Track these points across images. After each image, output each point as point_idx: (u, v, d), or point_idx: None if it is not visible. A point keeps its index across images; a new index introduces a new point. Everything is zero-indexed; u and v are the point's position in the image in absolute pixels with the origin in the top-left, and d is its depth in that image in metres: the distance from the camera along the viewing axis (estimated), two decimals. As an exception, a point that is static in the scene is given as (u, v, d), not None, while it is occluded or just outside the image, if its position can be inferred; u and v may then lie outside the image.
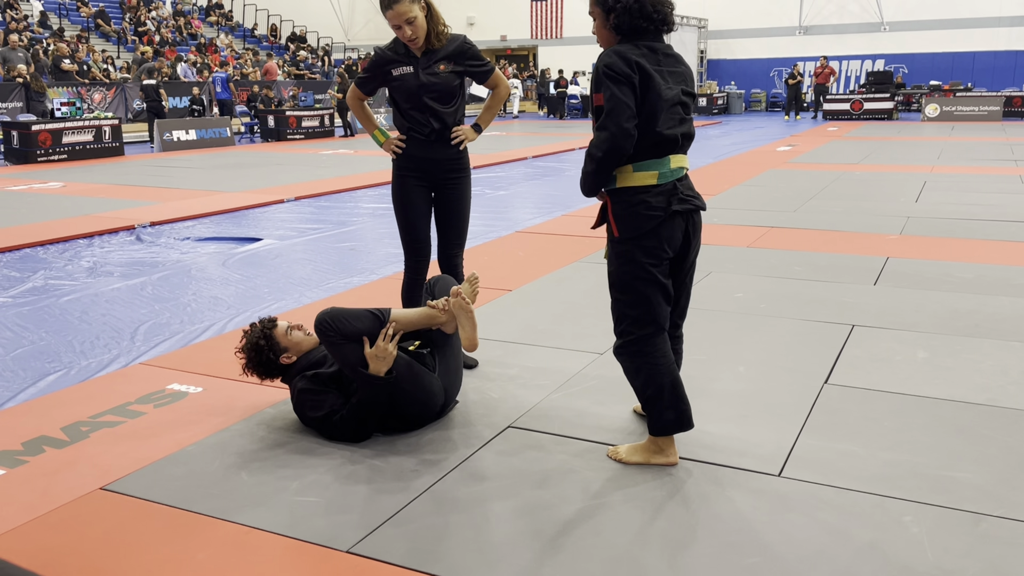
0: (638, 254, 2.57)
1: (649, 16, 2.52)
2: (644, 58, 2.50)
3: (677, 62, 2.60)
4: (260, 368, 3.11)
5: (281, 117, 17.99)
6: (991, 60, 23.47)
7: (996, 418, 3.03)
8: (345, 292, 5.11)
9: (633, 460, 2.72)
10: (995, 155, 12.14)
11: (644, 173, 2.53)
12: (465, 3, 30.41)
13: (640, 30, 2.53)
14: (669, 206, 2.54)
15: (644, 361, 2.64)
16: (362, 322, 2.91)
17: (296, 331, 3.14)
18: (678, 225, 2.59)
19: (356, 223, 7.63)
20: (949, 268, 5.28)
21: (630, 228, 2.56)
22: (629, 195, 2.54)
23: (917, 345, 3.84)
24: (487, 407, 3.22)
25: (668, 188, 2.55)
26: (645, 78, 2.47)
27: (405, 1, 3.25)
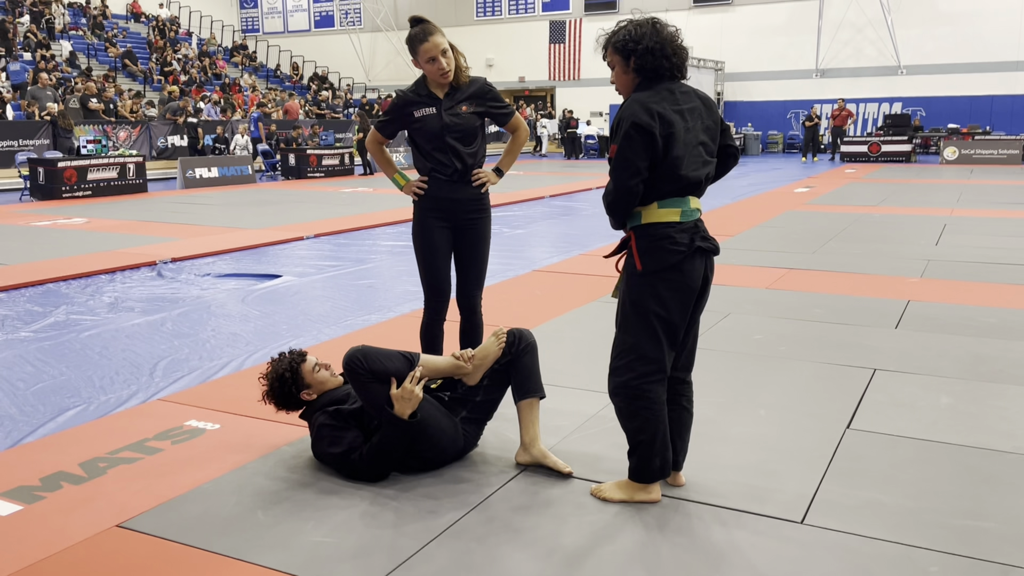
0: (660, 288, 2.57)
1: (667, 56, 2.57)
2: (665, 102, 2.53)
3: (692, 98, 2.62)
4: (280, 399, 3.10)
5: (302, 155, 18.23)
6: (1010, 104, 23.46)
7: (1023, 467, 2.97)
8: (363, 329, 5.12)
9: (616, 498, 2.72)
10: (1015, 199, 12.07)
11: (668, 210, 2.57)
12: (485, 45, 30.87)
13: (660, 71, 2.57)
14: (693, 243, 2.57)
15: (642, 405, 2.62)
16: (392, 362, 2.91)
17: (323, 370, 3.13)
18: (699, 264, 2.61)
19: (374, 260, 7.67)
20: (972, 312, 5.23)
21: (654, 262, 2.56)
22: (654, 230, 2.57)
23: (940, 390, 3.79)
24: (504, 448, 3.19)
25: (690, 226, 2.59)
26: (667, 126, 2.50)
27: (439, 33, 3.33)
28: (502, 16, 30.66)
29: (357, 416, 3.00)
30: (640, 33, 2.59)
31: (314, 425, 3.03)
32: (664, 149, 2.50)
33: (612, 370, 2.69)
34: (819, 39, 25.13)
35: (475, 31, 31.05)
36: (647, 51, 2.56)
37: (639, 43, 2.58)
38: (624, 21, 2.66)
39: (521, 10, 30.31)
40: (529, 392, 3.07)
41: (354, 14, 32.70)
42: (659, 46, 2.56)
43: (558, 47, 29.54)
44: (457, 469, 3.02)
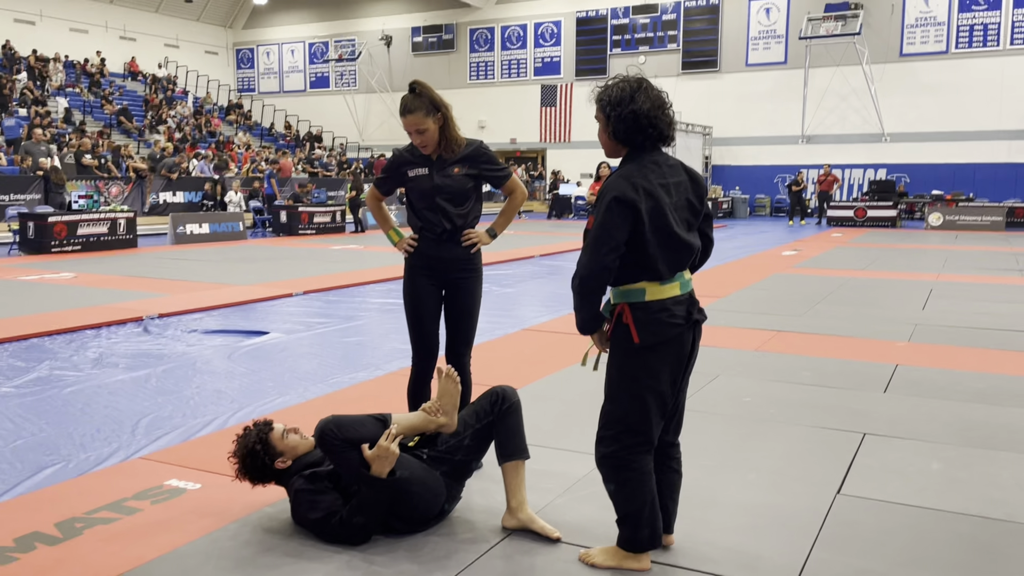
0: (653, 360, 2.52)
1: (643, 129, 2.52)
2: (651, 175, 2.50)
3: (679, 172, 2.59)
4: (254, 473, 3.02)
5: (293, 212, 18.33)
6: (992, 171, 23.93)
7: (1017, 535, 2.94)
8: (350, 387, 5.08)
9: (607, 565, 2.65)
10: (1000, 264, 12.21)
11: (671, 285, 2.54)
12: (477, 108, 31.42)
13: (635, 142, 2.54)
14: (690, 316, 2.56)
15: (631, 476, 2.58)
16: (366, 428, 2.88)
17: (292, 434, 3.07)
18: (691, 335, 2.59)
19: (363, 318, 7.65)
20: (960, 377, 5.23)
21: (653, 335, 2.51)
22: (653, 303, 2.52)
23: (931, 456, 3.76)
24: (491, 511, 3.13)
25: (686, 298, 2.58)
26: (651, 200, 2.46)
27: (419, 113, 3.38)
28: (495, 80, 31.28)
29: (334, 477, 2.95)
30: (620, 97, 2.53)
31: (291, 490, 2.97)
32: (652, 224, 2.46)
33: (599, 439, 2.64)
34: (805, 106, 25.71)
35: (468, 93, 31.62)
36: (620, 119, 2.53)
37: (616, 108, 2.53)
38: (616, 78, 2.62)
39: (513, 74, 30.95)
40: (513, 454, 3.02)
41: (349, 76, 33.30)
42: (633, 116, 2.50)
43: (549, 110, 30.10)
44: (441, 532, 2.96)
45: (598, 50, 29.08)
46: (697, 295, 2.68)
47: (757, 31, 26.70)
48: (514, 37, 30.75)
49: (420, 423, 3.03)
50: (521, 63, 30.71)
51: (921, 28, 24.59)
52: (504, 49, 30.96)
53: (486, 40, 31.24)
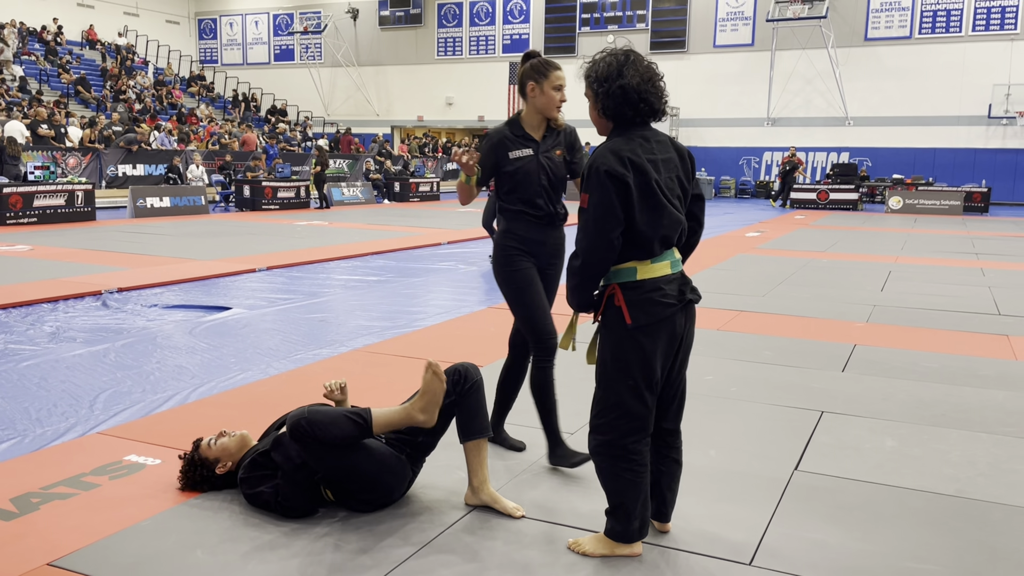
0: (646, 342, 2.43)
1: (634, 104, 2.43)
2: (639, 149, 2.41)
3: (668, 148, 2.50)
4: (204, 484, 3.06)
5: (257, 187, 18.07)
6: (951, 156, 24.38)
7: (966, 510, 3.02)
8: (314, 363, 5.04)
9: (597, 553, 2.60)
10: (957, 248, 12.48)
11: (661, 263, 2.46)
12: (445, 84, 31.17)
13: (625, 117, 2.46)
14: (682, 295, 2.47)
15: (626, 467, 2.50)
16: (340, 428, 2.79)
17: (219, 438, 3.08)
18: (683, 316, 2.51)
19: (328, 294, 7.59)
20: (915, 357, 5.35)
21: (646, 315, 2.42)
22: (645, 283, 2.44)
23: (886, 433, 3.85)
24: (454, 489, 3.15)
25: (678, 277, 2.49)
26: (640, 175, 2.38)
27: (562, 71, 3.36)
28: (463, 56, 31.02)
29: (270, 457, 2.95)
30: (607, 73, 2.45)
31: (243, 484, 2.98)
32: (641, 200, 2.38)
33: (593, 428, 2.55)
34: (771, 89, 25.90)
35: (436, 69, 31.35)
36: (609, 95, 2.44)
37: (604, 84, 2.45)
38: (603, 52, 2.53)
39: (482, 51, 30.70)
40: (475, 433, 2.99)
41: (315, 49, 32.79)
42: (621, 91, 2.41)
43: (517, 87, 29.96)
44: (404, 508, 2.97)
45: (567, 28, 28.95)
46: None
47: (725, 12, 26.78)
48: (482, 13, 30.48)
49: (399, 419, 2.93)
50: (490, 40, 30.48)
51: (886, 13, 24.86)
52: (472, 25, 30.68)
53: (454, 15, 30.93)
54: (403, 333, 5.97)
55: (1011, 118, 23.44)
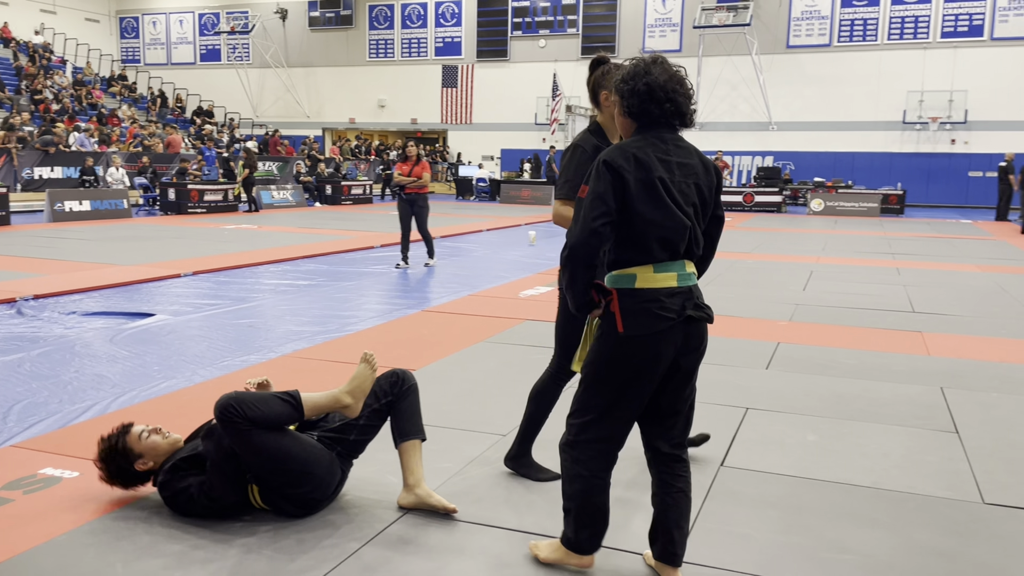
0: (637, 356, 2.30)
1: (660, 102, 2.32)
2: (650, 148, 2.31)
3: (690, 155, 2.37)
4: (118, 477, 2.95)
5: (182, 190, 17.60)
6: (869, 160, 25.33)
7: (880, 500, 3.15)
8: (241, 370, 4.94)
9: (549, 559, 2.56)
10: (874, 248, 12.96)
11: (666, 274, 2.31)
12: (377, 86, 30.91)
13: (652, 116, 2.35)
14: (684, 310, 2.30)
15: (579, 473, 2.40)
16: (270, 406, 2.77)
17: (154, 435, 2.97)
18: (688, 331, 2.34)
19: (257, 299, 7.44)
20: (835, 354, 5.54)
21: (639, 326, 2.28)
22: (644, 293, 2.30)
23: (807, 428, 3.98)
24: (386, 492, 3.12)
25: (685, 291, 2.32)
26: (644, 171, 2.27)
27: None
28: (395, 58, 30.83)
29: (194, 460, 2.89)
30: (635, 72, 2.36)
31: (162, 488, 2.91)
32: (642, 194, 2.27)
33: (567, 425, 2.46)
34: (698, 94, 26.45)
35: (368, 71, 31.07)
36: (634, 92, 2.34)
37: (630, 82, 2.35)
38: (631, 59, 2.44)
39: (414, 53, 30.56)
40: (411, 434, 3.02)
41: (242, 49, 32.12)
42: (647, 88, 2.31)
43: (451, 91, 29.91)
44: (336, 513, 2.93)
45: (499, 32, 29.06)
46: None
47: (653, 19, 27.28)
48: (414, 16, 30.36)
49: (327, 404, 2.95)
50: (422, 42, 30.37)
51: (806, 21, 25.69)
52: (404, 27, 30.53)
53: (386, 18, 30.72)
54: (334, 338, 5.90)
55: (924, 124, 24.50)
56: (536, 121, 28.44)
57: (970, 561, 2.68)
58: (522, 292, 7.92)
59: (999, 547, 2.78)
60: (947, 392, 4.62)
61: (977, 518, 3.00)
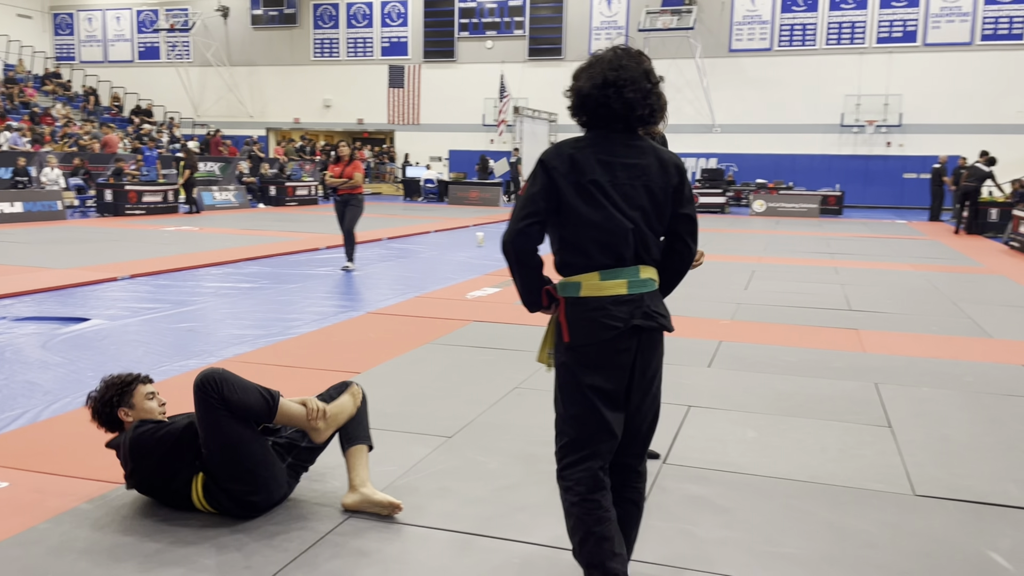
0: (588, 366, 2.19)
1: (589, 109, 2.22)
2: (590, 148, 2.20)
3: (643, 154, 2.22)
4: (100, 408, 2.97)
5: (120, 191, 17.13)
6: (809, 162, 25.94)
7: (816, 493, 3.22)
8: (180, 375, 4.83)
9: None
10: (814, 248, 13.28)
11: (613, 281, 2.18)
12: (322, 86, 30.55)
13: (585, 122, 2.25)
14: (631, 319, 2.18)
15: (572, 501, 2.20)
16: (248, 396, 2.79)
17: (153, 402, 3.02)
18: (639, 342, 2.21)
19: (197, 303, 7.28)
20: (775, 352, 5.65)
21: (583, 335, 2.18)
22: (590, 300, 2.19)
23: (747, 425, 4.06)
24: (329, 496, 3.09)
25: (635, 299, 2.20)
26: (578, 173, 2.17)
27: None
28: (340, 58, 30.50)
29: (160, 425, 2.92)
30: (574, 74, 2.25)
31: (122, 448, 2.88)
32: (575, 197, 2.17)
33: (556, 457, 2.30)
34: (643, 96, 26.77)
35: (313, 71, 30.69)
36: (572, 92, 2.23)
37: (575, 79, 2.23)
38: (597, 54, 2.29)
39: (360, 53, 30.30)
40: (357, 440, 3.05)
41: (182, 47, 31.44)
42: (575, 96, 2.22)
43: (398, 91, 29.72)
44: (281, 517, 2.89)
45: (446, 32, 28.98)
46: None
47: (599, 21, 27.51)
48: (360, 15, 30.09)
49: (298, 418, 2.94)
50: (368, 42, 30.12)
51: (748, 26, 26.20)
52: (350, 27, 30.24)
53: (331, 16, 30.38)
54: (277, 341, 5.81)
55: (861, 127, 25.18)
56: (484, 122, 28.43)
57: (900, 551, 2.76)
58: (470, 293, 7.91)
59: (928, 537, 2.87)
60: (881, 388, 4.76)
61: (908, 509, 3.10)
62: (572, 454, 2.22)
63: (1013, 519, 3.02)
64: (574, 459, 2.22)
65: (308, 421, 2.93)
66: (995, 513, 3.07)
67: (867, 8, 25.15)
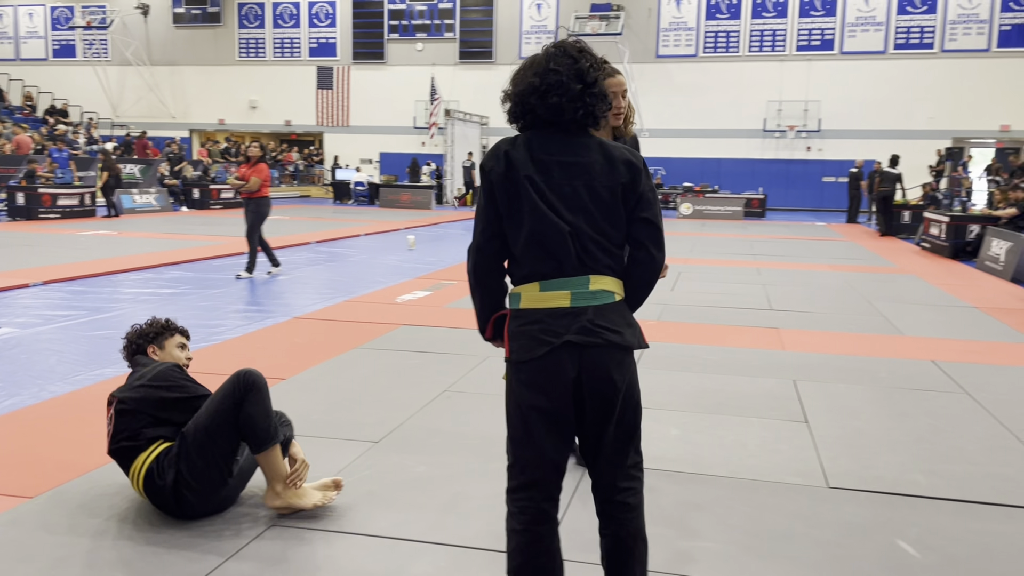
0: (529, 384, 2.02)
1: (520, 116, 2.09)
2: (525, 146, 2.05)
3: (587, 151, 2.04)
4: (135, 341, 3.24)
5: (33, 194, 16.45)
6: (733, 166, 26.64)
7: (737, 489, 3.31)
8: (97, 384, 4.67)
9: None
10: (738, 250, 13.63)
11: (555, 293, 2.01)
12: (248, 86, 29.94)
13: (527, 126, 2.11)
14: (565, 334, 1.98)
15: (518, 526, 2.07)
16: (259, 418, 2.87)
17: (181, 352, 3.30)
18: (574, 359, 2.00)
19: (115, 309, 7.05)
20: (699, 351, 5.78)
21: (519, 351, 2.02)
22: (530, 313, 2.03)
23: (671, 423, 4.14)
24: (250, 503, 3.03)
25: (577, 312, 2.00)
26: (509, 169, 2.02)
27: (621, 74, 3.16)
28: (266, 58, 29.95)
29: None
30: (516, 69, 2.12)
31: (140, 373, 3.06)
32: (505, 199, 2.03)
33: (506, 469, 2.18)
34: (573, 100, 27.08)
35: (238, 71, 30.06)
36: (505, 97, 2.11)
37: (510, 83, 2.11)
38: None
39: (287, 53, 29.80)
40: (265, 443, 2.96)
41: (100, 46, 30.39)
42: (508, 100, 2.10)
43: (326, 93, 29.33)
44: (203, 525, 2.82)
45: (375, 34, 28.75)
46: (448, 282, 2.59)
47: (529, 25, 27.70)
48: (287, 15, 29.61)
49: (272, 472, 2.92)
50: (295, 42, 29.65)
51: (674, 32, 26.75)
52: (276, 27, 29.72)
53: (256, 16, 29.81)
54: (200, 347, 5.66)
55: (782, 132, 25.98)
56: (415, 125, 28.30)
57: (814, 542, 2.86)
58: (400, 297, 7.86)
59: (840, 528, 2.98)
60: (799, 384, 4.92)
61: (821, 501, 3.21)
62: (515, 478, 2.08)
63: (921, 508, 3.16)
64: (517, 484, 2.08)
65: (284, 479, 2.92)
66: (904, 503, 3.21)
67: (787, 17, 25.97)
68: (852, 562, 2.73)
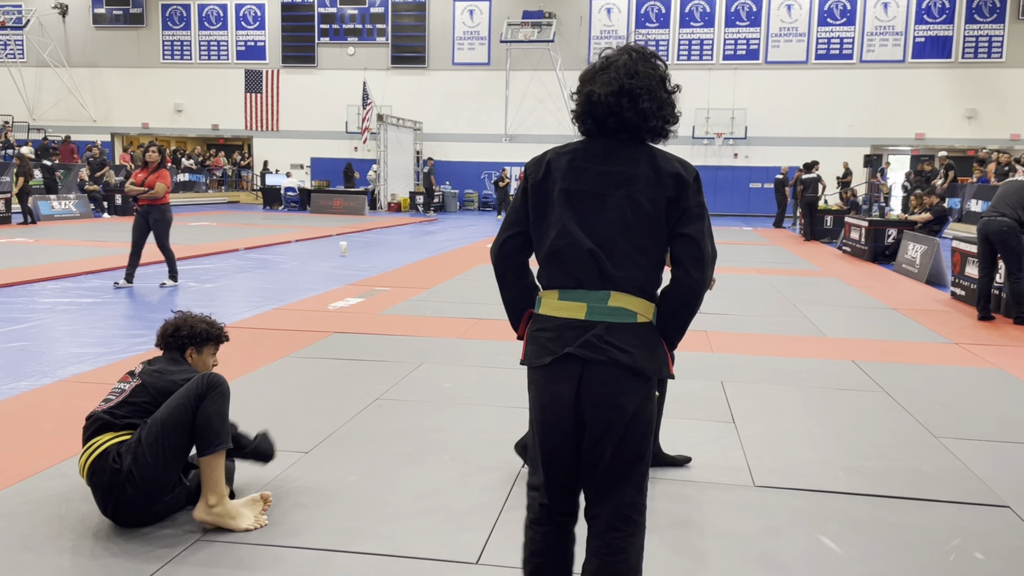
0: (537, 390, 2.00)
1: (599, 118, 1.99)
2: (572, 155, 2.00)
3: (634, 162, 1.96)
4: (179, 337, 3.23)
5: (-57, 200, 15.70)
6: (663, 172, 27.17)
7: (665, 489, 3.36)
8: (11, 398, 4.47)
9: None
10: (668, 254, 13.87)
11: (572, 304, 1.95)
12: (173, 90, 29.19)
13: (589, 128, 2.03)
14: (568, 346, 1.92)
15: (527, 517, 2.09)
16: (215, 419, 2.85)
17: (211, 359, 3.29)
18: (575, 373, 1.92)
19: (31, 320, 6.76)
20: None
21: (530, 354, 2.00)
22: (546, 320, 1.98)
23: (603, 426, 4.18)
24: (178, 515, 2.94)
25: (588, 326, 1.92)
26: (550, 180, 1.98)
27: None
28: (192, 61, 29.25)
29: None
30: (585, 76, 2.04)
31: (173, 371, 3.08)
32: (534, 204, 2.01)
33: None
34: (507, 107, 27.20)
35: (163, 74, 29.29)
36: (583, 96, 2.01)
37: (586, 82, 2.02)
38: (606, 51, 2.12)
39: (214, 56, 29.16)
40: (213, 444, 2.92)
41: (15, 46, 29.22)
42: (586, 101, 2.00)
43: (255, 96, 28.81)
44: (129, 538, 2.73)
45: (305, 38, 28.38)
46: (402, 286, 2.57)
47: (462, 31, 27.73)
48: (213, 17, 28.98)
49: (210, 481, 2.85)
50: (222, 45, 29.05)
51: (605, 40, 27.11)
52: (203, 29, 29.07)
53: (181, 18, 29.10)
54: (122, 359, 5.49)
55: (711, 139, 26.60)
56: (347, 129, 28.00)
57: (739, 537, 2.93)
58: (332, 304, 7.75)
59: (766, 527, 3.06)
60: (726, 385, 5.04)
61: (748, 500, 3.29)
62: (531, 477, 2.07)
63: (841, 504, 3.27)
64: (528, 482, 2.08)
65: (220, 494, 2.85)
66: (826, 499, 3.31)
67: (714, 26, 26.62)
68: (776, 561, 2.80)
